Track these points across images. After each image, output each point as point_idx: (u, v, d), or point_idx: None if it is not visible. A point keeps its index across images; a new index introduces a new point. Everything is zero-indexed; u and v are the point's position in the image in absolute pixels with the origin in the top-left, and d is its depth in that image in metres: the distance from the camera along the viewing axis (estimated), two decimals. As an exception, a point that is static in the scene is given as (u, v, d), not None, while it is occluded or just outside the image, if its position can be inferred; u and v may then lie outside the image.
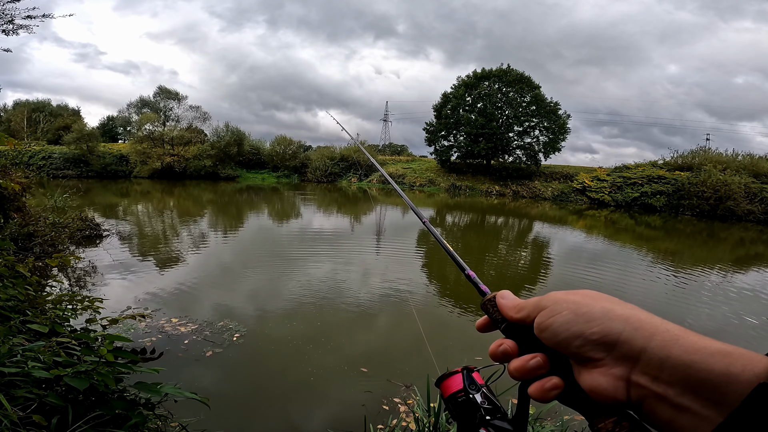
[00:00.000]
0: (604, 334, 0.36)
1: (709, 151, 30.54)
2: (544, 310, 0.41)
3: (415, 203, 0.93)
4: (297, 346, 4.48)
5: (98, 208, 15.09)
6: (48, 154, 33.58)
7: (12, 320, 2.02)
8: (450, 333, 5.20)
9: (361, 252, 10.01)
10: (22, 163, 9.24)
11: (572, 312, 0.39)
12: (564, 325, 0.39)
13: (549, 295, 0.42)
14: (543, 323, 0.41)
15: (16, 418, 1.33)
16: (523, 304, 0.45)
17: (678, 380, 0.32)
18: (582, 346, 0.37)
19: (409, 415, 3.20)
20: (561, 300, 0.41)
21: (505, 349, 0.44)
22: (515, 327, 0.45)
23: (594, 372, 0.37)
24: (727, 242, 16.17)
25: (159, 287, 6.18)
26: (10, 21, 7.73)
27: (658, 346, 0.34)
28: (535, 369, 0.41)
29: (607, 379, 0.36)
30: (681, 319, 6.29)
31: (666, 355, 0.33)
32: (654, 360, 0.34)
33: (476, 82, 34.80)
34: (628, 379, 0.35)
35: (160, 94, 36.83)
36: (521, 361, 0.42)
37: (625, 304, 0.39)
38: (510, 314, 0.46)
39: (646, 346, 0.34)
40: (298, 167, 38.61)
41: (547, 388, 0.40)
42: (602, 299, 0.40)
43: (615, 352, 0.36)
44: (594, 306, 0.38)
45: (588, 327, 0.37)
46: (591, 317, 0.38)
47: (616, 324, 0.36)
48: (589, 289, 0.42)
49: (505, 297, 0.48)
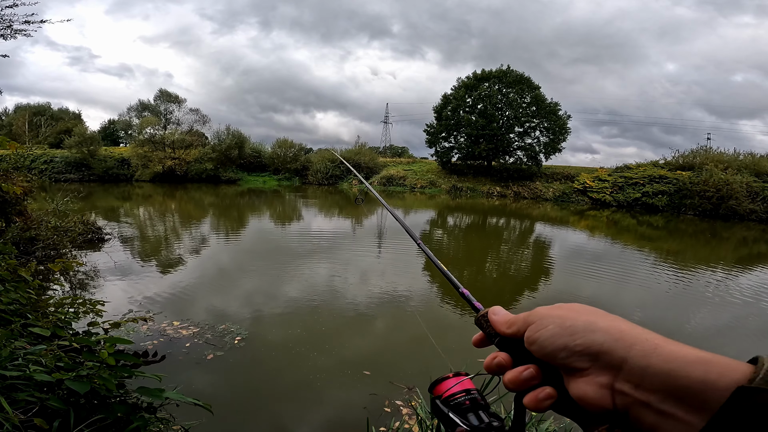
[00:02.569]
0: (586, 345, 0.39)
1: (710, 150, 30.50)
2: (531, 324, 0.44)
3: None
4: (298, 349, 4.47)
5: (100, 212, 15.11)
6: (50, 158, 33.67)
7: (13, 324, 2.02)
8: (451, 335, 5.19)
9: (362, 254, 10.00)
10: (24, 167, 9.28)
11: (557, 326, 0.41)
12: (550, 339, 0.41)
13: (536, 311, 0.45)
14: (531, 337, 0.43)
15: (17, 422, 1.32)
16: (513, 320, 0.47)
17: (659, 388, 0.34)
18: (567, 357, 0.40)
19: (412, 417, 3.19)
20: (547, 315, 0.43)
21: (500, 361, 0.47)
22: (508, 341, 0.47)
23: (581, 381, 0.39)
24: (729, 241, 16.12)
25: (161, 290, 6.18)
26: (8, 26, 7.76)
27: (638, 355, 0.36)
28: (528, 380, 0.43)
29: (593, 387, 0.38)
30: (684, 318, 6.27)
31: (646, 364, 0.35)
32: (635, 369, 0.35)
33: (476, 84, 34.82)
34: (612, 387, 0.37)
35: (161, 98, 36.91)
36: (515, 372, 0.44)
37: (609, 316, 0.41)
38: (502, 329, 0.48)
39: (626, 355, 0.36)
40: (299, 170, 38.64)
41: (541, 398, 0.42)
42: (586, 312, 0.42)
43: (599, 362, 0.38)
44: (577, 319, 0.41)
45: (572, 339, 0.40)
46: (574, 330, 0.40)
47: (598, 336, 0.38)
48: (576, 303, 0.44)
49: (496, 313, 0.50)
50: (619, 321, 0.40)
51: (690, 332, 5.64)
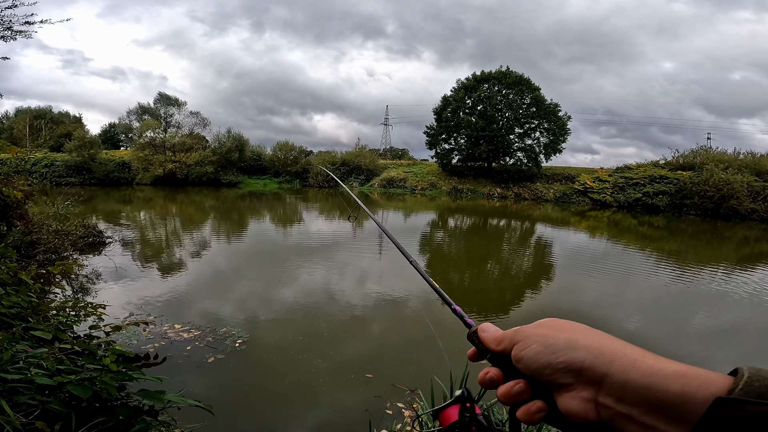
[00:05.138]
0: (568, 363, 0.40)
1: (711, 150, 30.49)
2: (517, 343, 0.46)
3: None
4: (299, 351, 4.46)
5: (101, 216, 15.13)
6: (50, 162, 33.76)
7: (15, 327, 2.02)
8: (453, 337, 5.17)
9: (363, 257, 10.00)
10: (25, 171, 9.29)
11: (540, 344, 0.43)
12: (534, 357, 0.43)
13: (521, 329, 0.47)
14: (517, 356, 0.45)
15: (18, 425, 1.32)
16: (501, 337, 0.49)
17: (639, 401, 0.35)
18: (552, 374, 0.41)
19: (414, 420, 3.18)
20: (531, 334, 0.45)
21: (492, 376, 0.48)
22: (498, 356, 0.49)
23: (567, 396, 0.40)
24: (731, 241, 16.09)
25: (162, 293, 6.17)
26: (8, 27, 7.76)
27: (618, 370, 0.37)
28: (519, 394, 0.45)
29: (578, 401, 0.39)
30: (686, 318, 6.25)
31: (625, 379, 0.36)
32: (615, 383, 0.37)
33: (476, 85, 34.87)
34: (596, 401, 0.38)
35: (160, 101, 37.02)
36: (506, 387, 0.45)
37: (591, 332, 0.42)
38: (491, 346, 0.50)
39: (607, 371, 0.38)
40: (299, 172, 38.66)
41: (532, 411, 0.43)
42: (567, 330, 0.43)
43: (582, 378, 0.39)
44: (559, 337, 0.42)
45: (555, 357, 0.41)
46: (556, 348, 0.42)
47: (579, 353, 0.40)
48: (559, 319, 0.46)
49: (485, 330, 0.52)
50: (600, 336, 0.41)
51: (692, 332, 5.63)
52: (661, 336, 5.39)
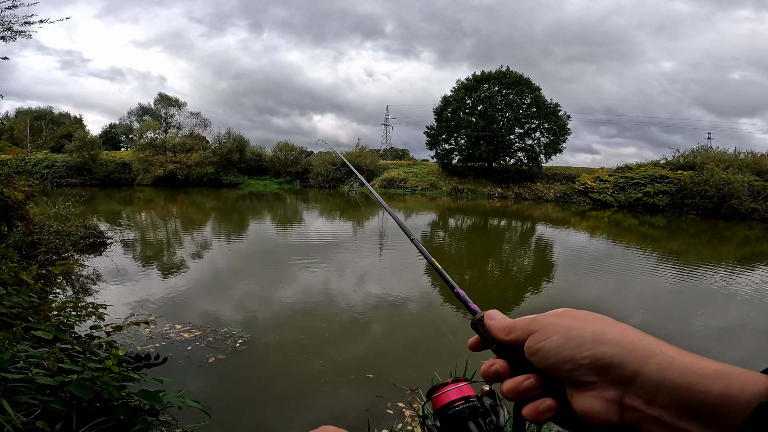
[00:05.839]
0: (595, 358, 0.36)
1: (711, 149, 30.44)
2: (533, 333, 0.41)
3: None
4: (300, 351, 4.46)
5: (102, 216, 15.14)
6: (51, 163, 33.80)
7: (15, 327, 2.02)
8: (455, 336, 5.17)
9: (364, 257, 10.00)
10: (26, 172, 9.30)
11: (562, 336, 0.38)
12: (554, 350, 0.38)
13: (539, 318, 0.42)
14: (533, 347, 0.40)
15: (19, 424, 1.32)
16: (512, 326, 0.44)
17: (674, 403, 0.32)
18: (573, 371, 0.37)
19: (415, 419, 3.18)
20: (551, 324, 0.40)
21: (497, 369, 0.44)
22: (506, 347, 0.45)
23: (586, 395, 0.36)
24: (732, 241, 16.07)
25: (163, 294, 6.18)
26: (8, 28, 7.76)
27: (654, 369, 0.33)
28: (528, 390, 0.41)
29: (600, 402, 0.35)
30: (687, 318, 6.24)
31: (661, 378, 0.33)
32: (649, 383, 0.33)
33: (476, 85, 34.85)
34: (621, 401, 0.34)
35: (161, 101, 37.05)
36: (514, 382, 0.41)
37: (617, 325, 0.38)
38: (499, 336, 0.45)
39: (640, 369, 0.34)
40: (299, 173, 38.63)
41: (541, 410, 0.39)
42: (593, 321, 0.39)
43: (607, 376, 0.35)
44: (584, 329, 0.38)
45: (579, 351, 0.37)
46: (581, 341, 0.37)
47: (608, 348, 0.36)
48: (582, 310, 0.42)
49: (493, 318, 0.47)
50: (629, 331, 0.37)
51: (695, 332, 5.62)
52: (661, 336, 5.36)
